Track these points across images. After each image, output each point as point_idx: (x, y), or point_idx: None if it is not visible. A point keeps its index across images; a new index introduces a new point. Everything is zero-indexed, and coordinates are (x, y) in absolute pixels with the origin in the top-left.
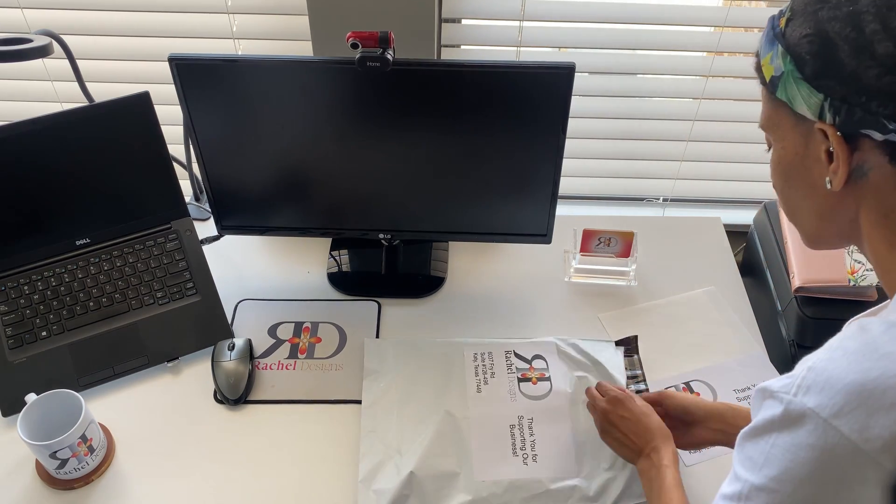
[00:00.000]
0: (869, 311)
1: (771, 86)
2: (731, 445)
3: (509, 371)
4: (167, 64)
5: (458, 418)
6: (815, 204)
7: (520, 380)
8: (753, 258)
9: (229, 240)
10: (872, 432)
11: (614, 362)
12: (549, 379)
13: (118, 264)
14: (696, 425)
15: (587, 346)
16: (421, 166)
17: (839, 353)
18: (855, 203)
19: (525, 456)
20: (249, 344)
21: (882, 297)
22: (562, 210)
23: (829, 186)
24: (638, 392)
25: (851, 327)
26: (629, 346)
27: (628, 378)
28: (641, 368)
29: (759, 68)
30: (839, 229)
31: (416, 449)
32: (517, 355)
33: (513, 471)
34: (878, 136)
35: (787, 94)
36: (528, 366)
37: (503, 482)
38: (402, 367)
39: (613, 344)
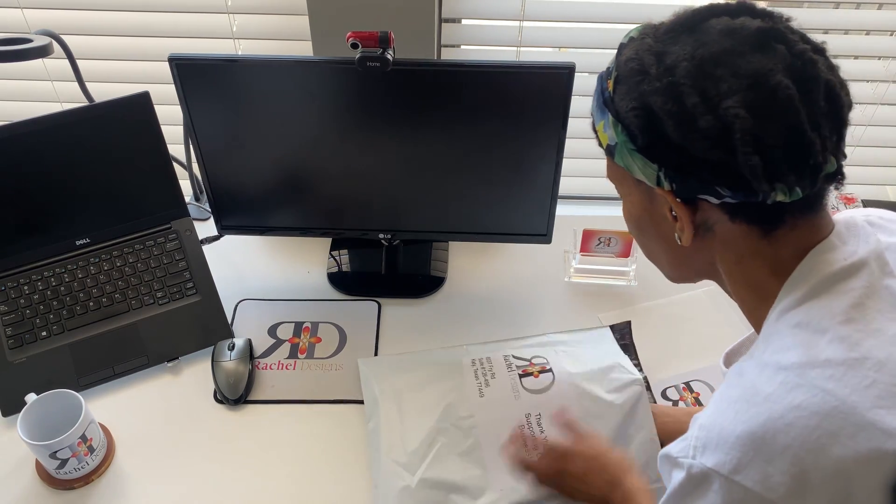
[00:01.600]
0: (747, 352)
1: (608, 152)
2: (677, 434)
3: (509, 370)
4: (167, 64)
5: (465, 429)
6: (670, 253)
7: (521, 376)
8: None
9: (229, 240)
10: (774, 480)
11: (611, 349)
12: (550, 370)
13: (118, 264)
14: None
15: (582, 339)
16: (421, 166)
17: (724, 404)
18: (709, 252)
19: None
20: (249, 344)
21: None
22: (562, 210)
23: (679, 242)
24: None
25: (730, 375)
26: (623, 332)
27: None
28: (636, 357)
29: (594, 130)
30: (697, 271)
31: (428, 466)
32: (515, 356)
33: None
34: (713, 200)
35: (623, 162)
36: (527, 362)
37: (522, 488)
38: (400, 385)
39: (609, 332)
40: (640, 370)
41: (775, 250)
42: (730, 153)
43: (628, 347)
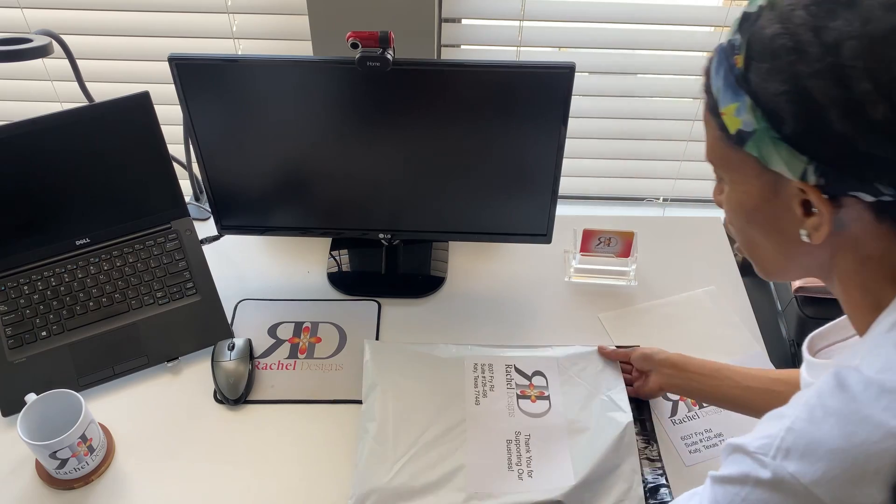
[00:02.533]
0: (840, 342)
1: (737, 138)
2: (681, 391)
3: (508, 387)
4: (167, 64)
5: (454, 428)
6: (782, 247)
7: (518, 396)
8: None
9: (229, 240)
10: (855, 501)
11: (614, 381)
12: (548, 398)
13: (118, 264)
14: (652, 372)
15: (588, 360)
16: (421, 166)
17: (819, 412)
18: (830, 250)
19: (520, 471)
20: (249, 344)
21: None
22: (562, 210)
23: (805, 239)
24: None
25: (829, 381)
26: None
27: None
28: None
29: (714, 111)
30: (805, 269)
31: (412, 455)
32: (517, 370)
33: (507, 485)
34: (868, 198)
35: (759, 151)
36: (527, 382)
37: (496, 495)
38: (400, 373)
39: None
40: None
41: None
42: None
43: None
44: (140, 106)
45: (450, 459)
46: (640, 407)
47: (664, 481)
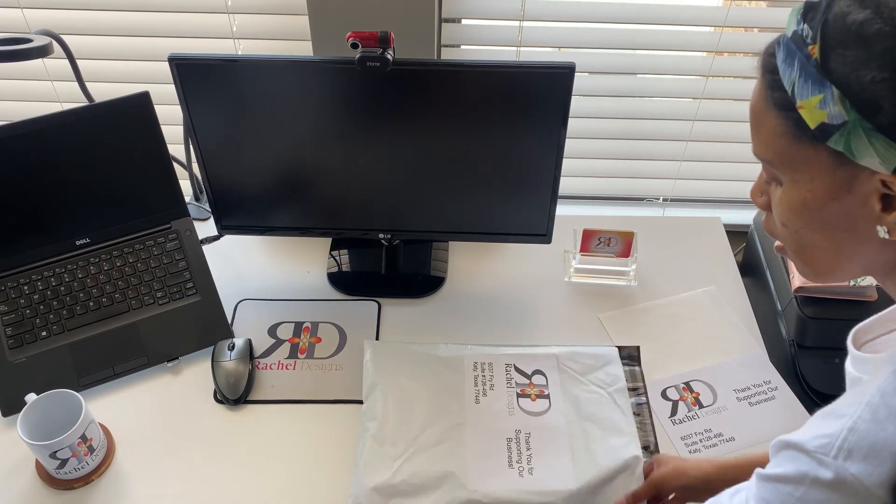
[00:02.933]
0: (885, 335)
1: (819, 132)
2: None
3: (508, 385)
4: (167, 64)
5: (454, 426)
6: (845, 246)
7: (518, 395)
8: (753, 258)
9: (229, 240)
10: None
11: (615, 376)
12: (548, 396)
13: (118, 264)
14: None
15: (588, 359)
16: (421, 166)
17: (883, 412)
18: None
19: (521, 469)
20: (249, 344)
21: (882, 296)
22: (562, 210)
23: (885, 236)
24: (639, 405)
25: (892, 380)
26: (632, 356)
27: (629, 390)
28: (643, 381)
29: (787, 106)
30: (863, 268)
31: (412, 454)
32: (517, 369)
33: (507, 482)
34: None
35: (848, 144)
36: (527, 381)
37: (496, 493)
38: (400, 373)
39: (616, 353)
40: (645, 395)
41: None
42: None
43: (635, 373)
44: (140, 106)
45: (450, 457)
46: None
47: None
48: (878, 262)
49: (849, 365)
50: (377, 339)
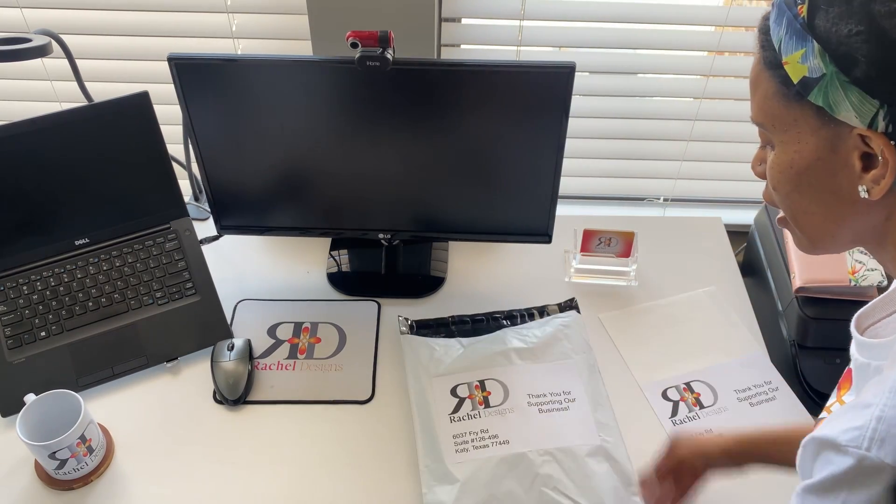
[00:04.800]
0: (887, 317)
1: (801, 87)
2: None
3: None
4: (167, 64)
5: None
6: (834, 210)
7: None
8: (754, 258)
9: (229, 240)
10: None
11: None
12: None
13: (117, 264)
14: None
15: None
16: (421, 166)
17: None
18: (886, 210)
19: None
20: (249, 344)
21: None
22: (562, 210)
23: (864, 195)
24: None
25: None
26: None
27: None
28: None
29: (774, 64)
30: (854, 235)
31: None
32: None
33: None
34: None
35: (826, 98)
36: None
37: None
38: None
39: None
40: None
41: None
42: None
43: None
44: (139, 106)
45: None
46: None
47: None
48: (866, 228)
49: (854, 351)
50: (377, 339)
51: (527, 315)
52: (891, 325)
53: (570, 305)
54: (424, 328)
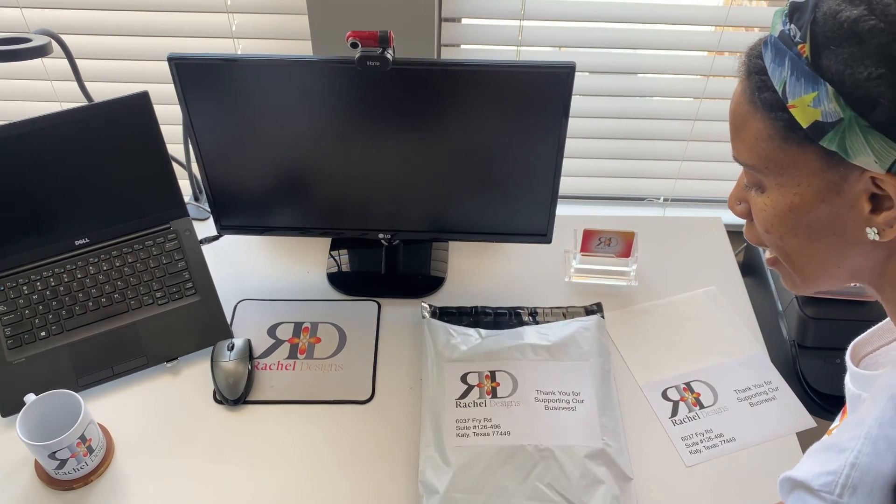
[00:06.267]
0: (885, 346)
1: (813, 132)
2: None
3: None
4: (167, 64)
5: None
6: (835, 251)
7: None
8: (754, 258)
9: (229, 240)
10: None
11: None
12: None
13: (117, 264)
14: None
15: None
16: (421, 166)
17: (883, 444)
18: (887, 249)
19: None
20: (249, 344)
21: None
22: (562, 210)
23: (875, 237)
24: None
25: (889, 409)
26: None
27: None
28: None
29: (776, 106)
30: (852, 274)
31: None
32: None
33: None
34: None
35: (843, 143)
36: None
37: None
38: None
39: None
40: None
41: None
42: None
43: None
44: (139, 106)
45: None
46: None
47: None
48: (866, 267)
49: (848, 381)
50: (377, 339)
51: (549, 312)
52: (889, 353)
53: (594, 310)
54: (447, 315)
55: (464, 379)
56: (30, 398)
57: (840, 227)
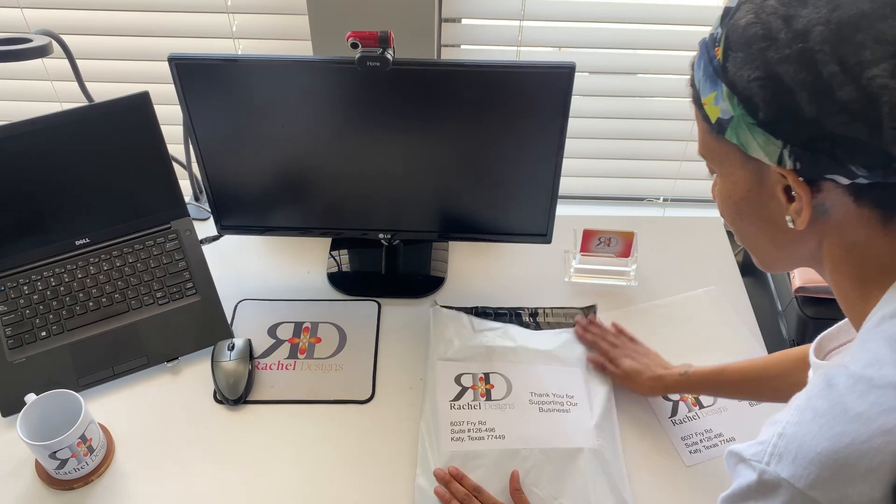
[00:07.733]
0: (848, 342)
1: (717, 127)
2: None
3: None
4: (167, 64)
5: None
6: (773, 237)
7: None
8: None
9: (229, 240)
10: (850, 500)
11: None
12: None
13: (118, 264)
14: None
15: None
16: (421, 166)
17: (809, 415)
18: (816, 237)
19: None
20: (249, 344)
21: None
22: (562, 210)
23: (791, 225)
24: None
25: (818, 382)
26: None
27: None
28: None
29: (698, 102)
30: (799, 258)
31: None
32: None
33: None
34: (843, 181)
35: (738, 138)
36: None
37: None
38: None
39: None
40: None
41: (893, 243)
42: (873, 128)
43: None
44: (140, 106)
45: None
46: None
47: None
48: (805, 253)
49: (811, 373)
50: (377, 339)
51: (550, 312)
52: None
53: (590, 312)
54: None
55: (458, 380)
56: (30, 398)
57: (769, 215)
